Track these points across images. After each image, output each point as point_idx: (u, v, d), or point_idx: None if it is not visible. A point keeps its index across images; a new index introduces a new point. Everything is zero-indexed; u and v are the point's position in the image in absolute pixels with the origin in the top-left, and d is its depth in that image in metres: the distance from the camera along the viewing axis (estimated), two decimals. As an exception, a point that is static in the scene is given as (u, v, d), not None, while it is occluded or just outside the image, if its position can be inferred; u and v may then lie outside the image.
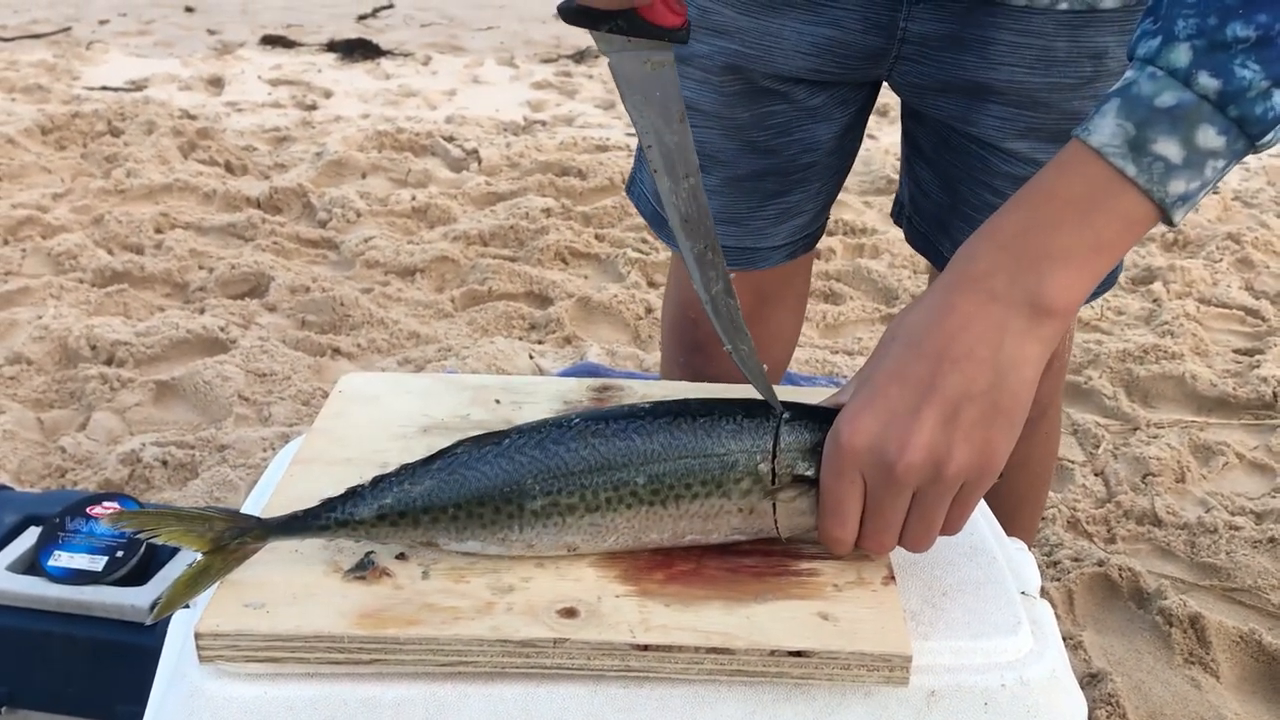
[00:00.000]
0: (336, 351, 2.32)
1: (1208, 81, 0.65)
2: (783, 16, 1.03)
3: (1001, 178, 1.06)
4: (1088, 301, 0.76)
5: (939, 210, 1.15)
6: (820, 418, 0.74)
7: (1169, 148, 0.66)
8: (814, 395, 0.92)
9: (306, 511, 0.72)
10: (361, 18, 6.09)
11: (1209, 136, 0.66)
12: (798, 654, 0.66)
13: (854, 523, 0.71)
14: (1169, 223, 0.69)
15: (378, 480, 0.73)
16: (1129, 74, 0.69)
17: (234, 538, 0.70)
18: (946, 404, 0.67)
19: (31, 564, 1.18)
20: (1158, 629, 1.59)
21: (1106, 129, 0.68)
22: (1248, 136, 0.66)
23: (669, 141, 0.71)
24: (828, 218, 1.25)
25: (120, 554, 1.16)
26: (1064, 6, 0.96)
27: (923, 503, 0.69)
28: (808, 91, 1.08)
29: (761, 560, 0.74)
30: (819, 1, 1.02)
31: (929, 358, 0.68)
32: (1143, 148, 0.67)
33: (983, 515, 0.83)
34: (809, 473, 0.72)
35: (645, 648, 0.66)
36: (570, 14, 0.64)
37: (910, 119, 1.15)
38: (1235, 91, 0.65)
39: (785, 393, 0.94)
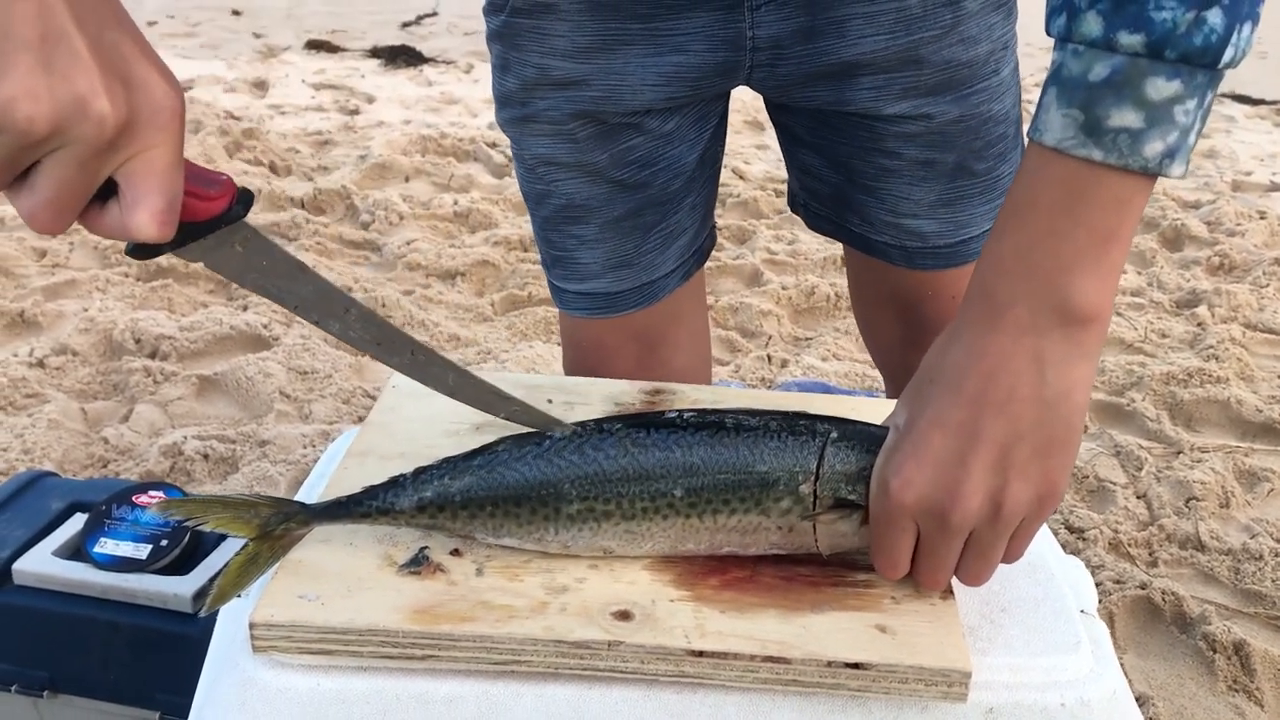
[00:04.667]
0: (376, 352, 2.33)
1: (1130, 39, 0.60)
2: (623, 55, 1.00)
3: (892, 139, 1.04)
4: None
5: (834, 189, 1.12)
6: (868, 440, 0.72)
7: (1125, 116, 0.61)
8: (872, 407, 0.91)
9: (349, 498, 0.73)
10: (405, 25, 6.14)
11: (1160, 87, 0.60)
12: (855, 666, 0.65)
13: (906, 563, 0.70)
14: (1172, 177, 0.64)
15: (419, 472, 0.74)
16: (1054, 55, 0.64)
17: (279, 523, 0.71)
18: (995, 448, 0.65)
19: (77, 550, 1.18)
20: (1201, 655, 1.56)
21: (1055, 124, 0.63)
22: (1202, 67, 0.60)
23: (306, 294, 0.70)
24: (714, 225, 1.23)
25: (164, 543, 1.17)
26: None
27: (980, 541, 0.68)
28: (660, 119, 1.05)
29: (817, 570, 0.73)
30: (659, 32, 0.99)
31: (969, 403, 0.66)
32: (1099, 127, 0.62)
33: (1041, 532, 0.82)
34: (852, 497, 0.71)
35: (700, 654, 0.65)
36: (134, 253, 0.63)
37: (778, 111, 1.12)
38: (1162, 36, 0.59)
39: (830, 404, 0.93)
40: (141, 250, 0.62)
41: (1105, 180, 0.63)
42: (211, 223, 0.64)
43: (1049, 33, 0.65)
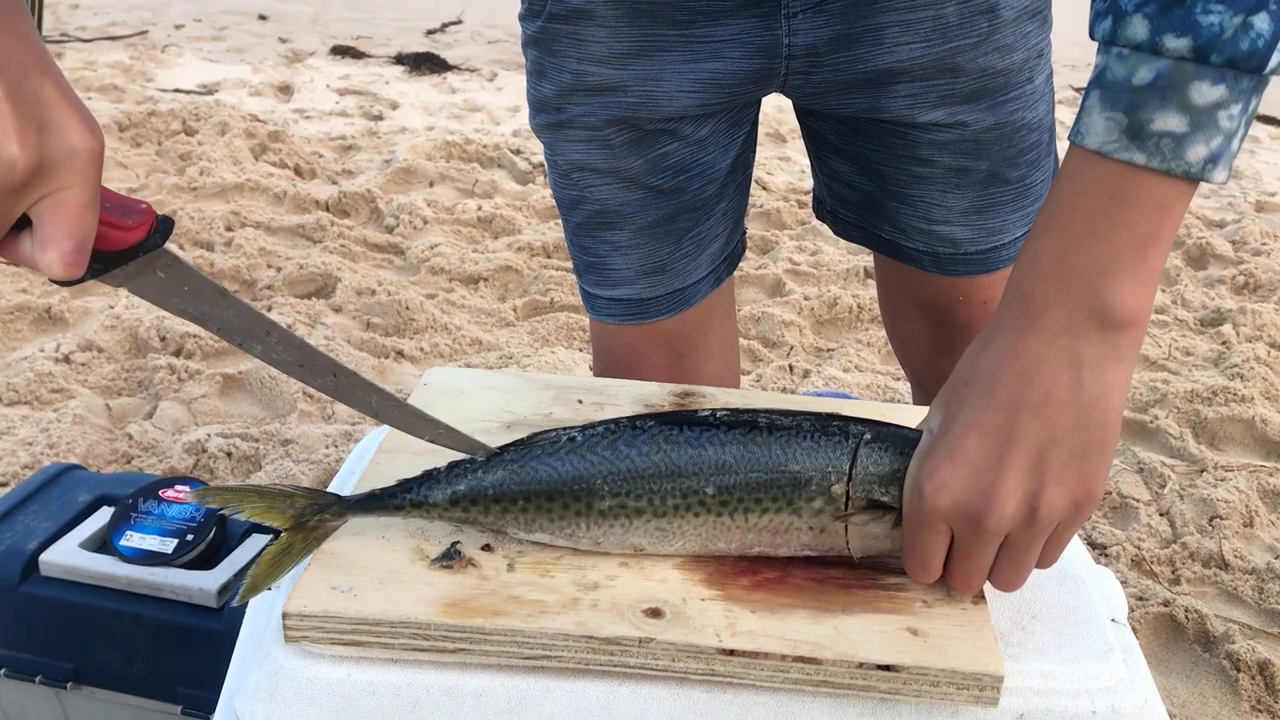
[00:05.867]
0: (400, 354, 2.34)
1: (1176, 43, 0.59)
2: (659, 61, 1.01)
3: (926, 147, 1.03)
4: None
5: (865, 196, 1.12)
6: (901, 442, 0.72)
7: (1169, 120, 0.61)
8: (900, 414, 0.91)
9: (383, 491, 0.74)
10: (430, 32, 6.17)
11: (1204, 91, 0.60)
12: (887, 668, 0.65)
13: (939, 567, 0.69)
14: (1214, 182, 0.63)
15: (453, 465, 0.74)
16: (1098, 59, 0.64)
17: (314, 514, 0.72)
18: (1030, 452, 0.65)
19: (103, 543, 1.19)
20: (1224, 674, 1.55)
21: (1098, 127, 0.63)
22: (1248, 72, 0.60)
23: (228, 318, 0.71)
24: (745, 231, 1.23)
25: (190, 537, 1.17)
26: None
27: (1014, 546, 0.67)
28: (694, 125, 1.06)
29: (848, 572, 0.73)
30: (696, 38, 0.99)
31: (1005, 406, 0.65)
32: (1142, 131, 0.61)
33: (1071, 541, 0.81)
34: (885, 499, 0.71)
35: (731, 652, 0.65)
36: (57, 281, 0.65)
37: (809, 117, 1.12)
38: (1209, 40, 0.59)
39: (859, 408, 0.93)
40: (63, 282, 0.65)
41: (1146, 184, 0.63)
42: (131, 251, 0.67)
43: (1093, 36, 0.64)
